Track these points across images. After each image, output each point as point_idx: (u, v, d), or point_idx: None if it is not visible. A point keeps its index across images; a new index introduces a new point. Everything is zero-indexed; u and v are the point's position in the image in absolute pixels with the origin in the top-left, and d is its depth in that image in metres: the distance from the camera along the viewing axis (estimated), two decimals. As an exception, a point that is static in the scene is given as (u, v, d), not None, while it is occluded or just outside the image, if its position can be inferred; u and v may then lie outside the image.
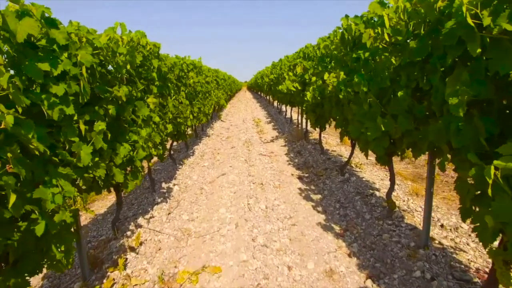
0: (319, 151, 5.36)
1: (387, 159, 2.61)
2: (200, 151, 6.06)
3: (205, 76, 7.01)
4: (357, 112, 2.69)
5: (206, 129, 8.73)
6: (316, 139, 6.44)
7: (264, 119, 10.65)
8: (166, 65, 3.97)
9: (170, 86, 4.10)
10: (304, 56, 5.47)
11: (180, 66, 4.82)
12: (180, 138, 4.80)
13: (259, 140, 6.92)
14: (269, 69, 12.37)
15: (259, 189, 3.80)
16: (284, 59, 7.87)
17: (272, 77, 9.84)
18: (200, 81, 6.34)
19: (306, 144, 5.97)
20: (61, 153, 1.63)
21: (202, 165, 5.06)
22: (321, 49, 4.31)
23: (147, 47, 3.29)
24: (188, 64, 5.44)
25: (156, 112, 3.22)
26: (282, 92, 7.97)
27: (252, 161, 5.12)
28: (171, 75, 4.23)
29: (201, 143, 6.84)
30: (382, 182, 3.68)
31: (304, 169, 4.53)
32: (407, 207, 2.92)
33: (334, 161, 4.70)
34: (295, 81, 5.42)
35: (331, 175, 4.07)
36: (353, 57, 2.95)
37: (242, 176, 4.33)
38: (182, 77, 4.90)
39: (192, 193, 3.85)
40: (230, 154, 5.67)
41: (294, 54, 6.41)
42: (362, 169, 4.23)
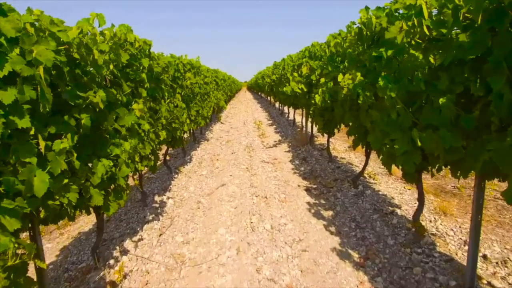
0: (326, 158, 4.95)
1: (416, 176, 2.21)
2: (198, 157, 5.66)
3: (203, 77, 6.61)
4: (379, 120, 2.29)
5: (205, 132, 8.33)
6: (322, 144, 6.03)
7: (265, 121, 10.25)
8: (159, 65, 3.57)
9: (164, 88, 3.70)
10: (310, 56, 5.07)
11: (176, 66, 4.41)
12: (176, 144, 4.40)
13: (261, 144, 6.52)
14: (271, 69, 11.97)
15: (262, 203, 3.40)
16: (287, 58, 7.47)
17: (274, 78, 9.44)
18: (198, 82, 5.94)
19: (311, 150, 5.56)
20: (5, 181, 1.23)
21: (200, 174, 4.65)
22: (331, 47, 3.91)
23: (135, 44, 2.89)
24: (184, 64, 5.04)
25: (146, 118, 2.82)
26: (285, 93, 7.57)
27: (254, 169, 4.72)
28: (165, 76, 3.83)
29: (199, 148, 6.43)
30: (401, 197, 3.28)
31: (311, 179, 4.13)
32: (436, 230, 2.52)
33: (344, 170, 4.30)
34: (301, 82, 5.02)
35: (342, 187, 3.67)
36: (373, 55, 2.55)
37: (244, 188, 3.93)
38: (178, 78, 4.50)
39: (188, 207, 3.44)
40: (230, 161, 5.26)
41: (298, 53, 6.02)
42: (377, 180, 3.83)
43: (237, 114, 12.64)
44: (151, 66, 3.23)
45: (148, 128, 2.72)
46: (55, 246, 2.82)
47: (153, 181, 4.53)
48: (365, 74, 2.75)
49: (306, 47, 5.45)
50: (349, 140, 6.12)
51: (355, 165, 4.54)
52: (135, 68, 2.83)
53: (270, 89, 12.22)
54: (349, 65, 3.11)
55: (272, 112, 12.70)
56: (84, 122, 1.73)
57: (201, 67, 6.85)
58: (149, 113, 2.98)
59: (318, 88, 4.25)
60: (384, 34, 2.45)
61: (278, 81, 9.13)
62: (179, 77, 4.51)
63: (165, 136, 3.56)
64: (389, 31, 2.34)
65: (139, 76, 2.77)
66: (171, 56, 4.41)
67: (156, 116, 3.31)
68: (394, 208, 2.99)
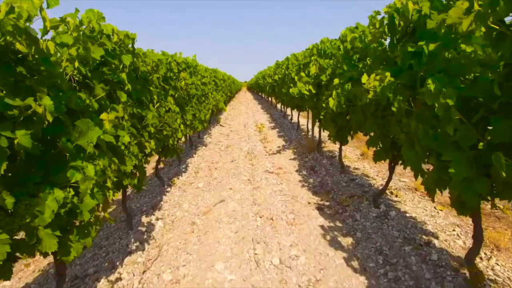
0: (337, 168, 4.43)
1: (474, 206, 1.69)
2: (194, 166, 5.13)
3: (201, 77, 6.09)
4: (421, 134, 1.77)
5: (203, 136, 7.81)
6: (331, 151, 5.51)
7: (267, 123, 9.73)
8: (147, 64, 3.05)
9: (153, 90, 3.18)
10: (319, 53, 4.55)
11: (168, 65, 3.89)
12: (168, 154, 3.88)
13: (264, 150, 6.00)
14: (272, 69, 11.45)
15: (268, 227, 2.88)
16: (291, 57, 6.95)
17: (277, 78, 8.92)
18: (194, 82, 5.42)
19: (320, 158, 5.04)
20: None
21: (195, 186, 4.13)
22: (347, 43, 3.39)
23: (113, 37, 2.37)
24: (179, 62, 4.52)
25: (127, 128, 2.29)
26: (289, 95, 7.06)
27: (257, 181, 4.20)
28: (154, 76, 3.31)
29: (196, 154, 5.91)
30: (434, 221, 2.75)
31: (322, 194, 3.60)
32: (494, 273, 2.00)
33: (360, 184, 3.77)
34: (308, 83, 4.50)
35: (360, 206, 3.14)
36: (408, 51, 2.03)
37: (246, 205, 3.41)
38: (171, 78, 3.98)
39: (181, 231, 2.92)
40: (230, 170, 4.74)
41: (304, 51, 5.49)
42: (400, 197, 3.30)
43: (237, 116, 12.12)
44: (135, 64, 2.71)
45: (128, 140, 2.19)
46: (15, 284, 2.30)
47: (143, 195, 4.01)
48: (396, 74, 2.23)
49: (314, 45, 4.93)
50: (361, 147, 5.60)
51: (372, 177, 4.02)
52: (113, 67, 2.31)
53: (271, 90, 11.71)
54: (372, 63, 2.59)
55: (274, 114, 12.17)
56: (20, 141, 1.20)
57: (198, 66, 6.34)
58: (131, 121, 2.46)
59: (330, 89, 3.74)
60: (425, 23, 1.95)
61: (280, 82, 8.61)
62: (172, 78, 3.99)
63: (154, 146, 3.04)
64: (432, 19, 1.84)
65: (118, 76, 2.25)
66: (163, 53, 3.89)
67: (142, 123, 2.79)
68: (429, 237, 2.46)
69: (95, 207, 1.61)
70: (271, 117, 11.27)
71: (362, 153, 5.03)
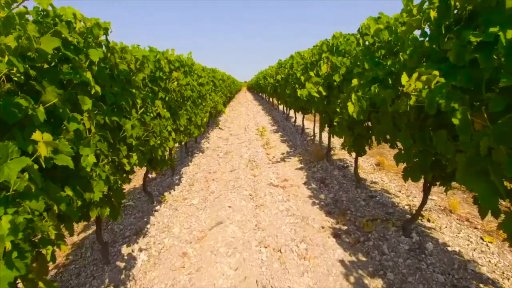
0: (351, 181, 3.89)
1: None
2: (189, 176, 4.58)
3: (197, 77, 5.54)
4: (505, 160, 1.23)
5: (201, 140, 7.26)
6: (342, 159, 4.96)
7: (269, 126, 9.18)
8: (128, 61, 2.51)
9: (137, 93, 2.63)
10: (331, 50, 4.01)
11: (157, 63, 3.35)
12: (157, 166, 3.33)
13: (266, 158, 5.45)
14: (274, 69, 10.91)
15: (275, 263, 2.33)
16: (296, 56, 6.41)
17: (279, 78, 8.37)
18: (190, 83, 4.88)
19: (330, 168, 4.49)
20: None
21: (189, 203, 3.58)
22: (368, 37, 2.85)
23: (76, 24, 1.82)
24: (171, 60, 3.98)
25: (93, 145, 1.74)
26: (293, 96, 6.51)
27: (260, 196, 3.65)
28: (140, 75, 2.76)
29: (192, 162, 5.35)
30: (485, 258, 2.20)
31: (337, 215, 3.06)
32: None
33: (382, 203, 3.22)
34: (319, 83, 3.95)
35: (386, 234, 2.60)
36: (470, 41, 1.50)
37: (247, 229, 2.86)
38: (161, 78, 3.43)
39: (168, 267, 2.37)
40: (229, 182, 4.19)
41: (312, 48, 4.94)
42: (433, 221, 2.75)
43: (237, 118, 11.57)
44: (111, 61, 2.17)
45: (94, 161, 1.65)
46: None
47: (129, 212, 3.47)
48: (447, 74, 1.69)
49: (323, 41, 4.38)
50: (375, 154, 5.06)
51: (394, 193, 3.47)
52: (77, 65, 1.77)
53: (273, 91, 11.16)
54: (409, 60, 2.04)
55: (275, 116, 11.62)
56: None
57: (195, 65, 5.79)
58: (101, 134, 1.91)
59: (345, 91, 3.20)
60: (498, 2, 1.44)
61: (283, 82, 8.07)
62: (162, 78, 3.44)
63: (137, 161, 2.50)
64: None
65: (80, 76, 1.70)
66: (150, 49, 3.34)
67: (120, 135, 2.24)
68: (489, 286, 1.91)
69: (15, 281, 1.06)
70: (273, 119, 10.72)
71: (378, 163, 4.48)
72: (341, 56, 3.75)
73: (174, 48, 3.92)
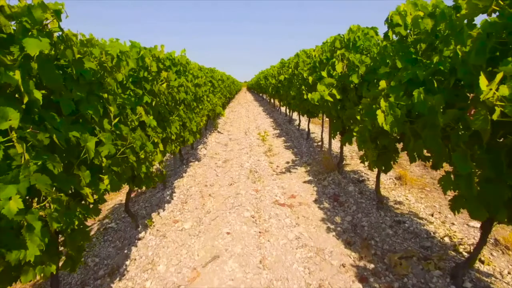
0: (370, 199, 3.33)
1: None
2: (183, 191, 4.02)
3: (192, 77, 4.97)
4: None
5: (198, 146, 6.69)
6: (356, 171, 4.39)
7: (271, 130, 8.61)
8: (96, 57, 1.94)
9: (111, 99, 2.07)
10: (347, 46, 3.44)
11: (140, 61, 2.78)
12: (141, 184, 2.77)
13: (269, 168, 4.88)
14: (276, 69, 10.35)
15: (288, 324, 1.77)
16: (302, 54, 5.84)
17: (282, 78, 7.80)
18: (184, 84, 4.32)
19: (343, 182, 3.93)
20: None
21: (180, 227, 3.02)
22: (400, 28, 2.28)
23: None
24: (161, 59, 3.41)
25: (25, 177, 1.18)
26: (298, 98, 5.96)
27: (264, 219, 3.09)
28: (117, 77, 2.20)
29: (186, 173, 4.79)
30: None
31: (359, 246, 2.49)
32: None
33: (413, 232, 2.65)
34: (332, 85, 3.38)
35: (429, 280, 2.03)
36: None
37: (250, 268, 2.29)
38: (146, 79, 2.87)
39: (146, 326, 1.81)
40: (228, 199, 3.63)
41: (323, 45, 4.38)
42: (489, 263, 2.18)
43: (236, 120, 11.00)
44: (68, 57, 1.60)
45: (18, 208, 1.08)
46: None
47: (108, 238, 2.91)
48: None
49: (336, 36, 3.81)
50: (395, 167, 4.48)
51: (425, 218, 2.90)
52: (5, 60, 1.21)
53: (275, 92, 10.60)
54: (474, 55, 1.48)
55: (277, 118, 11.05)
56: None
57: (190, 64, 5.22)
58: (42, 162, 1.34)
59: (367, 95, 2.63)
60: None
61: (287, 83, 7.50)
62: (147, 79, 2.88)
63: (108, 186, 1.95)
64: None
65: (1, 76, 1.14)
66: (132, 44, 2.77)
67: (80, 157, 1.68)
68: None
69: None
70: (275, 122, 10.15)
71: (399, 176, 3.91)
72: (359, 53, 3.19)
73: (163, 44, 3.36)
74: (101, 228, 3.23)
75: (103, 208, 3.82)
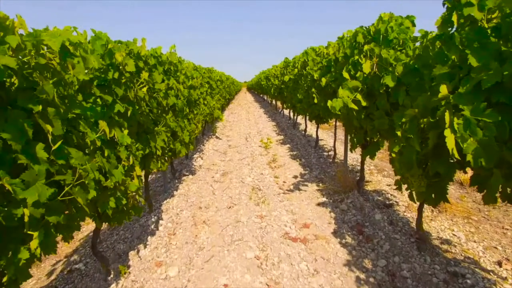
0: (406, 234, 2.63)
1: None
2: (171, 218, 3.32)
3: (185, 78, 4.27)
4: None
5: (193, 155, 5.99)
6: (380, 191, 3.68)
7: (274, 135, 7.92)
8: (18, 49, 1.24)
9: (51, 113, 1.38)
10: (375, 40, 2.74)
11: (107, 58, 2.08)
12: (110, 221, 2.08)
13: (275, 183, 4.19)
14: (279, 69, 9.66)
15: None
16: (311, 52, 5.15)
17: (286, 79, 7.11)
18: (175, 86, 3.63)
19: (367, 206, 3.23)
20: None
21: (163, 275, 2.32)
22: (475, 9, 1.59)
23: None
24: (143, 56, 2.72)
25: None
26: (306, 102, 5.26)
27: (271, 262, 2.39)
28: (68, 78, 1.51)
29: (178, 191, 4.09)
30: None
31: (408, 314, 1.80)
32: None
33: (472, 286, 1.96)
34: (356, 89, 2.69)
35: None
36: None
37: None
38: (117, 82, 2.17)
39: None
40: (227, 230, 2.94)
41: (339, 41, 3.67)
42: None
43: (236, 123, 10.31)
44: None
45: None
46: None
47: (72, 284, 2.22)
48: None
49: (358, 29, 3.12)
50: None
51: (489, 267, 2.20)
52: None
53: (277, 93, 9.91)
54: None
55: (280, 122, 10.35)
56: None
57: (183, 63, 4.53)
58: None
59: (416, 105, 1.94)
60: None
61: (292, 84, 6.81)
62: (118, 82, 2.18)
63: (37, 250, 1.26)
64: None
65: None
66: (96, 36, 2.06)
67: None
68: None
69: None
70: (278, 126, 9.45)
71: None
72: (392, 49, 2.49)
73: (144, 38, 2.66)
74: (65, 270, 2.54)
75: (79, 235, 3.13)
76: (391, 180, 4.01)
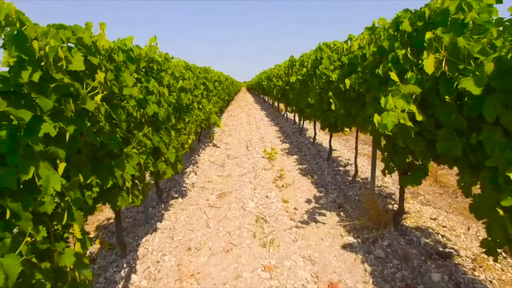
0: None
1: None
2: (147, 271, 2.47)
3: (172, 80, 3.43)
4: None
5: (186, 169, 5.14)
6: (424, 228, 2.82)
7: (278, 143, 7.07)
8: None
9: None
10: (440, 24, 1.90)
11: (19, 48, 1.24)
12: None
13: (284, 211, 3.36)
14: (283, 68, 8.82)
15: None
16: (325, 47, 4.31)
17: (293, 80, 6.27)
18: (156, 90, 2.80)
19: (412, 254, 2.39)
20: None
21: None
22: None
23: None
24: (100, 48, 1.88)
25: None
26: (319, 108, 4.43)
27: None
28: None
29: (162, 222, 3.24)
30: None
31: None
32: None
33: None
34: (410, 96, 1.85)
35: None
36: None
37: None
38: (39, 87, 1.33)
39: None
40: (222, 292, 2.10)
41: (370, 30, 2.82)
42: None
43: (236, 128, 9.46)
44: None
45: None
46: None
47: None
48: None
49: (401, 13, 2.29)
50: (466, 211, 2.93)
51: None
52: None
53: (281, 95, 9.08)
54: None
55: (284, 127, 9.50)
56: None
57: (171, 61, 3.69)
58: None
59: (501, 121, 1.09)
60: None
61: (299, 85, 5.97)
62: (41, 88, 1.33)
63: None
64: None
65: None
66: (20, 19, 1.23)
67: None
68: None
69: None
70: (282, 132, 8.60)
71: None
72: (476, 35, 1.65)
73: (103, 22, 1.82)
74: None
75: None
76: (434, 211, 3.17)
